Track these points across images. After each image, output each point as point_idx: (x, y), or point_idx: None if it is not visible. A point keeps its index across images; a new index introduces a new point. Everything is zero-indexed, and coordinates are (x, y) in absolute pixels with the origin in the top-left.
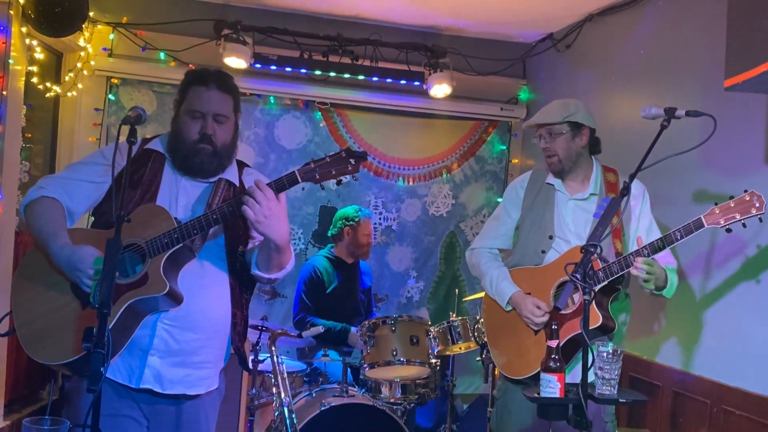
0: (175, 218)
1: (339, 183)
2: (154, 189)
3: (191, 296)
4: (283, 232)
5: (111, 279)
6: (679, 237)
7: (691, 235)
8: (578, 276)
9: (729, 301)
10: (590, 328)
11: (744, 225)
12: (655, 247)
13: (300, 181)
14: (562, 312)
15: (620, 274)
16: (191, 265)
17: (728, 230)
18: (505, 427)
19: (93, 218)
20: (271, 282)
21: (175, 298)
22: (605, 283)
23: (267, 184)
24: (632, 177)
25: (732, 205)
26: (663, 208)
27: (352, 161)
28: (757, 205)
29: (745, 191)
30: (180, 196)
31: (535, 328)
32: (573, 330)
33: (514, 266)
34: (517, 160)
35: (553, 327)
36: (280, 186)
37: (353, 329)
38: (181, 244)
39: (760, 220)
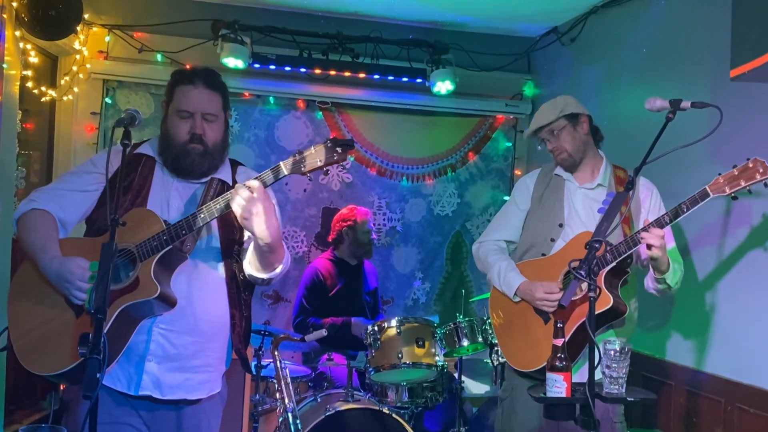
0: (165, 220)
1: (326, 173)
2: (145, 193)
3: (186, 299)
4: (271, 230)
5: (106, 284)
6: (685, 209)
7: (697, 206)
8: (583, 273)
9: (740, 297)
10: (601, 310)
11: (749, 191)
12: (662, 222)
13: (287, 173)
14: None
15: (628, 253)
16: (185, 267)
17: (734, 197)
18: (512, 428)
19: (86, 227)
20: (265, 283)
21: (167, 301)
22: (613, 264)
23: (253, 179)
24: (638, 170)
25: (736, 173)
26: (673, 202)
27: (339, 149)
28: (761, 170)
29: (748, 159)
30: (172, 199)
31: (551, 309)
32: (581, 317)
33: (521, 257)
34: (523, 157)
35: (558, 325)
36: (266, 179)
37: (354, 319)
38: (171, 246)
39: (766, 185)
